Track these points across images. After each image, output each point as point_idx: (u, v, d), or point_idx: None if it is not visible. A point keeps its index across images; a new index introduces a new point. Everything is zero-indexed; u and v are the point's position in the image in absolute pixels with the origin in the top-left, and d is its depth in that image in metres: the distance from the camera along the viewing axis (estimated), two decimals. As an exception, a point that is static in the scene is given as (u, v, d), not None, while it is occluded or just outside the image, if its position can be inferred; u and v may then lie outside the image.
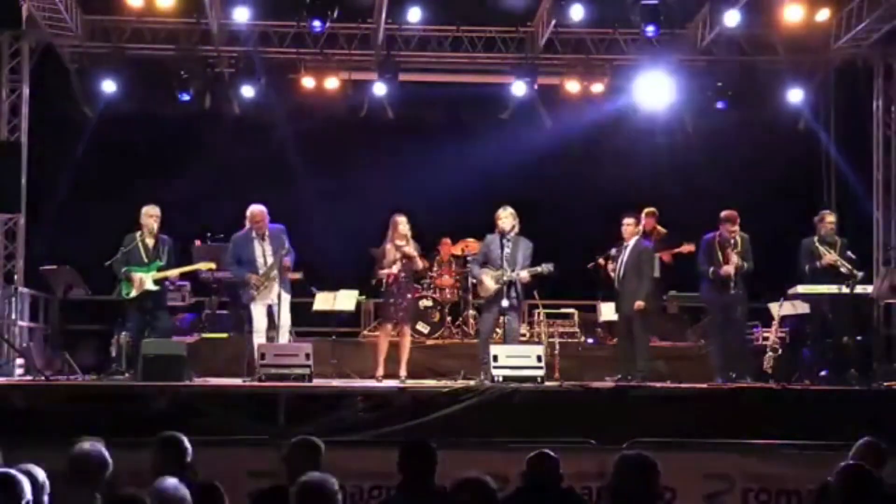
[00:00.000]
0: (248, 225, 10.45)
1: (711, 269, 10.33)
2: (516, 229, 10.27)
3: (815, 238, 10.47)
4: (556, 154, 14.24)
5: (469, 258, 12.39)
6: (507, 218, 10.24)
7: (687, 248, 12.46)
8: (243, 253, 10.27)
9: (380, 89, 13.18)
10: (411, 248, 10.41)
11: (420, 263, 10.59)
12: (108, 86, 12.90)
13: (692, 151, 14.03)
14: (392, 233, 10.42)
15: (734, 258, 10.21)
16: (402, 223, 10.40)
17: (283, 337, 10.22)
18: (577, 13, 12.03)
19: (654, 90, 13.11)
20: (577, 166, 14.38)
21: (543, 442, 6.13)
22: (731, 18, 12.01)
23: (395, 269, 10.32)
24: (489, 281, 10.23)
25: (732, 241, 10.32)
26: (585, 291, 12.38)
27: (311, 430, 7.47)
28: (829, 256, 10.31)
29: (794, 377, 10.33)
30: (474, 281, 10.70)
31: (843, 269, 10.28)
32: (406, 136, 14.24)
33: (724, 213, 10.42)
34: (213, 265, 10.89)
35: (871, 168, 13.31)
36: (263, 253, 10.21)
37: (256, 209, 10.28)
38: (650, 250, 10.99)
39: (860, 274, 10.36)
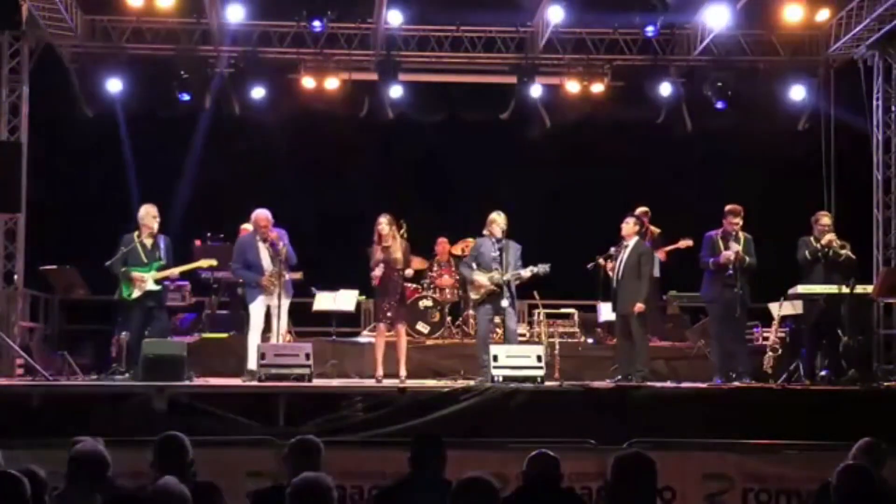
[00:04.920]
0: (251, 228, 10.46)
1: (712, 259, 10.32)
2: (506, 233, 10.29)
3: (811, 237, 10.49)
4: (555, 154, 14.25)
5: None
6: (501, 223, 10.26)
7: (684, 243, 12.48)
8: (249, 256, 10.28)
9: (395, 92, 13.21)
10: (398, 248, 10.40)
11: (404, 262, 10.57)
12: (109, 85, 12.92)
13: (692, 151, 14.04)
14: (377, 234, 10.43)
15: (734, 246, 10.20)
16: (383, 224, 10.40)
17: (278, 341, 10.22)
18: (556, 15, 12.10)
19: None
20: (577, 166, 14.38)
21: (543, 442, 6.12)
22: (716, 19, 12.02)
23: (378, 271, 10.32)
24: (482, 281, 10.24)
25: (734, 235, 10.31)
26: (585, 291, 12.36)
27: (311, 430, 7.48)
28: (828, 236, 10.28)
29: (794, 377, 10.33)
30: (469, 282, 10.67)
31: (841, 251, 10.25)
32: (406, 136, 14.24)
33: (727, 207, 10.43)
34: (213, 262, 10.89)
35: (871, 168, 13.32)
36: (268, 256, 10.21)
37: (262, 214, 10.27)
38: (650, 251, 10.99)
39: (854, 258, 10.35)
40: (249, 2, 12.54)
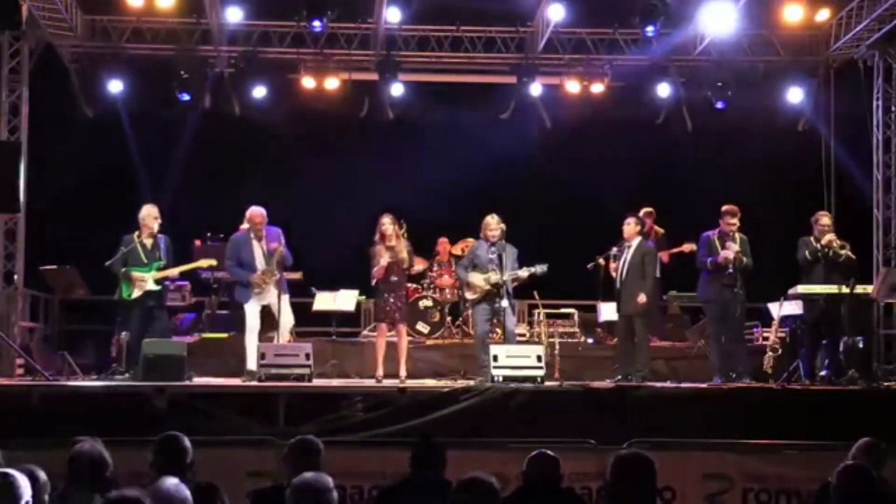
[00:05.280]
0: (246, 226, 10.47)
1: (710, 259, 10.32)
2: (503, 237, 10.28)
3: (812, 237, 10.48)
4: (555, 154, 14.25)
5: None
6: (496, 227, 10.26)
7: (688, 247, 12.46)
8: (242, 254, 10.27)
9: (396, 90, 13.21)
10: (403, 248, 10.40)
11: (409, 262, 10.57)
12: (109, 85, 12.93)
13: (692, 151, 14.03)
14: (380, 234, 10.43)
15: (733, 246, 10.20)
16: (386, 224, 10.40)
17: (284, 337, 10.21)
18: (556, 13, 12.09)
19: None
20: (577, 166, 14.38)
21: (543, 442, 6.12)
22: (721, 24, 11.96)
23: (384, 260, 10.28)
24: (477, 281, 10.24)
25: (731, 235, 10.31)
26: (585, 291, 12.38)
27: (311, 430, 7.47)
28: (828, 236, 10.28)
29: (794, 377, 10.33)
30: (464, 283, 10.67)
31: (841, 251, 10.24)
32: (406, 136, 14.24)
33: (724, 207, 10.43)
34: (213, 262, 10.91)
35: (871, 168, 13.32)
36: (262, 254, 10.21)
37: (256, 211, 10.28)
38: (653, 251, 10.99)
39: (854, 258, 10.34)
40: (250, 2, 12.55)
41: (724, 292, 10.25)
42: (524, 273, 10.22)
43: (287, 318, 10.24)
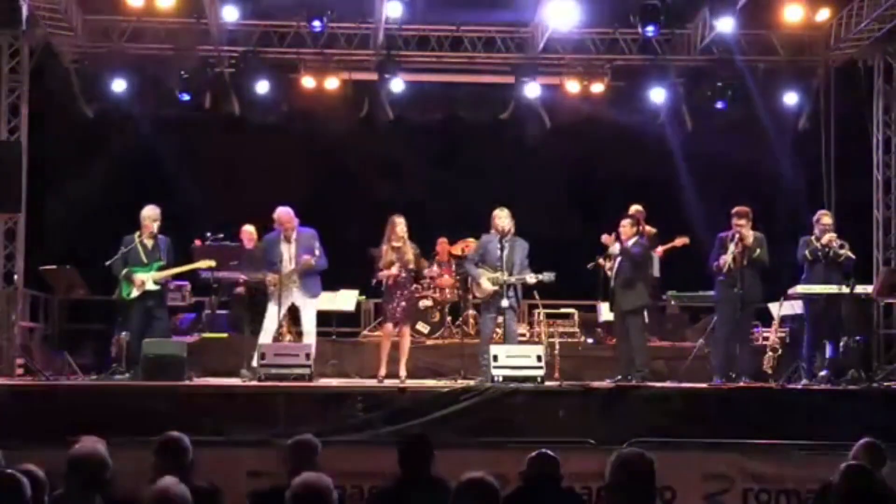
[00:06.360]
0: (251, 230, 10.50)
1: (715, 263, 10.32)
2: (513, 230, 10.28)
3: (812, 237, 10.47)
4: (555, 154, 14.25)
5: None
6: (505, 219, 10.25)
7: (680, 240, 12.47)
8: (272, 254, 10.31)
9: (397, 86, 13.18)
10: (409, 249, 10.42)
11: (417, 264, 10.59)
12: (109, 85, 12.92)
13: (692, 151, 14.04)
14: (390, 234, 10.42)
15: (732, 247, 10.18)
16: (400, 224, 10.41)
17: (309, 342, 10.22)
18: (564, 14, 12.07)
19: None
20: (576, 166, 14.37)
21: (543, 442, 6.13)
22: (726, 24, 11.96)
23: (394, 269, 10.32)
24: (486, 282, 10.24)
25: (737, 236, 10.29)
26: (585, 291, 12.38)
27: (311, 430, 7.46)
28: (828, 235, 10.27)
29: (794, 377, 10.33)
30: (474, 280, 10.66)
31: (841, 251, 10.24)
32: (406, 136, 14.23)
33: (734, 209, 10.41)
34: (212, 263, 10.91)
35: (871, 168, 13.32)
36: (289, 255, 10.22)
37: (282, 211, 10.32)
38: (648, 249, 10.99)
39: (853, 257, 10.33)
40: (249, 2, 12.54)
41: (729, 293, 10.24)
42: (531, 279, 10.19)
43: (308, 325, 10.29)
